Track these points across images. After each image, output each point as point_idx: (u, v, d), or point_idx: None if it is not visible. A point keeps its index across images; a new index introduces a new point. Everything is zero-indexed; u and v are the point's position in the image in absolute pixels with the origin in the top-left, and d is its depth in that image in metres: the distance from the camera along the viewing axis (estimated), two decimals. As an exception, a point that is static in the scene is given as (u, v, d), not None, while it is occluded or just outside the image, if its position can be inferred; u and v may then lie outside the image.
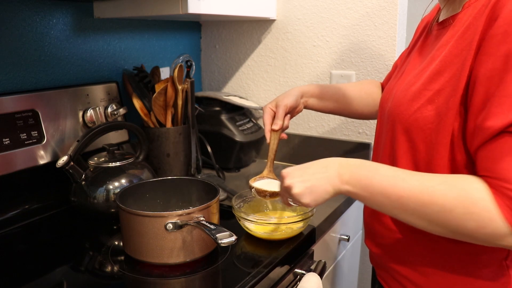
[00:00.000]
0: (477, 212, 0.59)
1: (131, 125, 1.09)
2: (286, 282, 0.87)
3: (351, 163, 0.71)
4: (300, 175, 0.73)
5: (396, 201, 0.65)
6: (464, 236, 0.62)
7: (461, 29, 0.67)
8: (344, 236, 1.20)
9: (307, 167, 0.74)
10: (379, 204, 0.67)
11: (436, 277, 0.75)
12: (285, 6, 1.41)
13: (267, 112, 0.97)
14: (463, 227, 0.61)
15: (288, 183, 0.74)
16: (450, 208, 0.61)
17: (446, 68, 0.67)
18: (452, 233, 0.63)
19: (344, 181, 0.70)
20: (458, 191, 0.61)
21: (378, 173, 0.68)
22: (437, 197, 0.62)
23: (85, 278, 0.80)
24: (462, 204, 0.60)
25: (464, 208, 0.60)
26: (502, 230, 0.58)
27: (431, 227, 0.64)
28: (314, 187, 0.71)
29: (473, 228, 0.60)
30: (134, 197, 0.91)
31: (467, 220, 0.60)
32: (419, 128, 0.70)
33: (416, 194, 0.63)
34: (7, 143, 0.96)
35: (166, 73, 1.43)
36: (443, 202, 0.61)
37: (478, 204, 0.59)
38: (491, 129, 0.59)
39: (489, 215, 0.58)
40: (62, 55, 1.13)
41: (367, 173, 0.69)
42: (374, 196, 0.67)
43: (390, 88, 0.84)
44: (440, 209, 0.61)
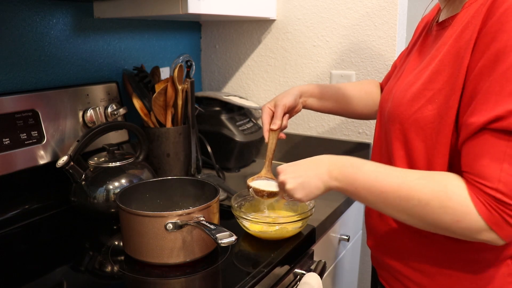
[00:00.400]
0: (452, 206, 0.61)
1: (131, 125, 1.09)
2: (286, 282, 0.87)
3: (339, 161, 0.75)
4: (293, 171, 0.77)
5: (379, 195, 0.68)
6: (442, 229, 0.65)
7: (459, 29, 0.67)
8: (344, 236, 1.20)
9: (300, 164, 0.78)
10: (364, 199, 0.71)
11: (439, 277, 0.75)
12: (285, 6, 1.41)
13: (265, 111, 0.97)
14: (440, 221, 0.63)
15: (282, 179, 0.78)
16: (426, 202, 0.63)
17: (445, 67, 0.67)
18: (430, 226, 0.65)
19: (333, 177, 0.73)
20: (434, 186, 0.63)
21: (362, 169, 0.71)
22: (414, 191, 0.64)
23: (85, 278, 0.80)
24: (438, 198, 0.62)
25: (439, 202, 0.62)
26: (478, 224, 0.60)
27: (411, 221, 0.67)
28: (305, 183, 0.75)
29: (449, 221, 0.62)
30: (134, 197, 0.91)
31: (442, 213, 0.62)
32: (419, 128, 0.70)
33: (396, 189, 0.66)
34: (7, 143, 0.96)
35: (166, 73, 1.43)
36: (419, 196, 0.64)
37: (454, 199, 0.61)
38: (474, 125, 0.60)
39: (464, 210, 0.60)
40: (62, 55, 1.13)
41: (353, 169, 0.72)
42: (359, 191, 0.70)
43: (389, 88, 0.84)
44: (417, 203, 0.64)
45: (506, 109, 0.57)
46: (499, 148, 0.58)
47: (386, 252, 0.83)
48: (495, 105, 0.58)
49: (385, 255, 0.84)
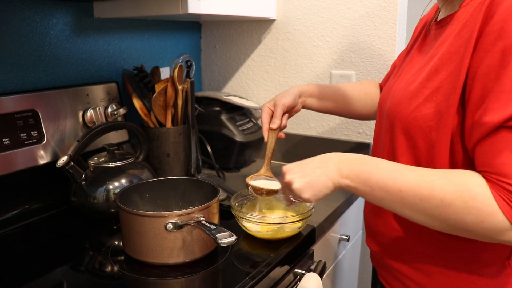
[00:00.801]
0: (476, 206, 0.59)
1: (131, 125, 1.09)
2: (286, 282, 0.87)
3: (350, 158, 0.72)
4: (300, 171, 0.74)
5: (396, 195, 0.65)
6: (463, 231, 0.62)
7: (458, 27, 0.67)
8: (344, 236, 1.20)
9: (307, 163, 0.75)
10: (378, 198, 0.68)
11: (439, 276, 0.75)
12: (285, 6, 1.41)
13: (265, 111, 0.97)
14: (463, 222, 0.61)
15: (288, 178, 0.75)
16: (449, 202, 0.61)
17: (444, 66, 0.67)
18: (451, 227, 0.63)
19: (344, 175, 0.70)
20: (457, 186, 0.61)
21: (377, 168, 0.68)
22: (436, 191, 0.62)
23: (85, 278, 0.80)
24: (461, 198, 0.60)
25: (463, 202, 0.60)
26: (501, 225, 0.58)
27: (430, 222, 0.64)
28: (314, 182, 0.72)
29: (472, 222, 0.60)
30: (134, 197, 0.91)
31: (466, 214, 0.60)
32: (418, 126, 0.70)
33: (415, 188, 0.63)
34: (7, 143, 0.96)
35: (166, 73, 1.43)
36: (442, 196, 0.61)
37: (478, 199, 0.59)
38: (489, 124, 0.59)
39: (488, 210, 0.58)
40: (62, 55, 1.13)
41: (366, 167, 0.69)
42: (374, 190, 0.67)
43: (389, 88, 0.85)
44: (439, 203, 0.61)
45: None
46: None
47: (386, 252, 0.83)
48: (509, 103, 0.57)
49: (385, 254, 0.84)
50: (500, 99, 0.58)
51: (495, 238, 0.60)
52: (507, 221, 0.58)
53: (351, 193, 1.16)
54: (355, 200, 1.22)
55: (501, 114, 0.58)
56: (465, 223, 0.60)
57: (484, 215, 0.59)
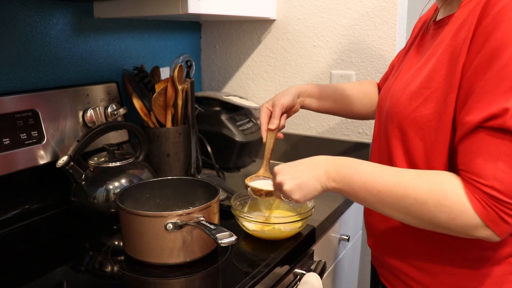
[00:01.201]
0: (448, 204, 0.62)
1: (131, 125, 1.09)
2: (286, 282, 0.87)
3: (336, 161, 0.75)
4: (290, 173, 0.77)
5: (376, 195, 0.68)
6: (438, 227, 0.65)
7: (455, 27, 0.68)
8: (344, 236, 1.20)
9: (297, 165, 0.78)
10: (361, 199, 0.71)
11: (442, 275, 0.75)
12: (285, 6, 1.41)
13: (263, 111, 0.97)
14: (436, 219, 0.64)
15: (279, 179, 0.78)
16: (422, 201, 0.64)
17: (443, 66, 0.68)
18: (427, 224, 0.66)
19: (331, 178, 0.74)
20: (430, 185, 0.64)
21: (359, 170, 0.71)
22: (410, 190, 0.65)
23: (85, 278, 0.80)
24: (434, 197, 0.63)
25: (435, 201, 0.63)
26: (473, 222, 0.61)
27: (408, 220, 0.68)
28: (303, 184, 0.75)
29: (445, 219, 0.63)
30: (134, 197, 0.91)
31: (438, 212, 0.63)
32: (417, 126, 0.71)
33: (392, 188, 0.67)
34: (7, 143, 0.96)
35: (166, 73, 1.43)
36: (415, 195, 0.64)
37: (449, 197, 0.62)
38: (469, 124, 0.61)
39: (460, 207, 0.61)
40: (62, 55, 1.13)
41: (349, 170, 0.72)
42: (356, 191, 0.71)
43: (387, 88, 0.85)
44: (414, 202, 0.65)
45: (501, 107, 0.58)
46: (494, 146, 0.59)
47: (387, 251, 0.83)
48: (490, 103, 0.59)
49: (386, 254, 0.84)
50: (482, 99, 0.60)
51: (468, 234, 0.63)
52: (478, 218, 0.60)
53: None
54: (353, 200, 1.22)
55: (481, 114, 0.59)
56: (439, 221, 0.64)
57: (456, 213, 0.62)
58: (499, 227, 0.60)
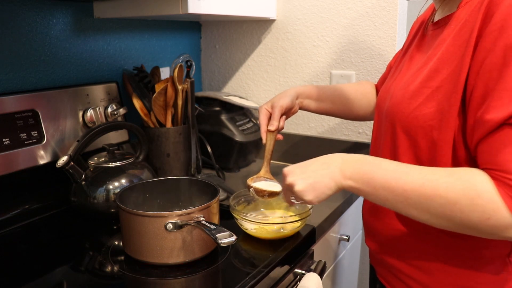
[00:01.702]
0: (481, 203, 0.59)
1: (131, 125, 1.09)
2: (286, 282, 0.87)
3: (353, 159, 0.71)
4: (302, 172, 0.73)
5: (400, 195, 0.65)
6: (469, 228, 0.62)
7: (457, 27, 0.68)
8: (344, 236, 1.20)
9: (309, 164, 0.74)
10: (382, 198, 0.67)
11: (440, 274, 0.75)
12: (285, 6, 1.41)
13: (263, 112, 0.97)
14: (468, 220, 0.61)
15: (290, 180, 0.74)
16: (454, 201, 0.61)
17: (444, 65, 0.68)
18: (457, 225, 0.63)
19: (347, 176, 0.70)
20: (462, 184, 0.61)
21: (380, 168, 0.68)
22: (441, 189, 0.62)
23: (85, 278, 0.80)
24: (467, 196, 0.60)
25: (468, 200, 0.60)
26: (506, 221, 0.58)
27: (435, 220, 0.64)
28: (316, 184, 0.71)
29: (478, 220, 0.60)
30: (134, 197, 0.91)
31: (471, 212, 0.60)
32: (418, 125, 0.70)
33: (420, 187, 0.63)
34: (7, 143, 0.96)
35: (166, 73, 1.43)
36: (447, 195, 0.61)
37: (483, 196, 0.59)
38: (491, 122, 0.59)
39: (493, 206, 0.58)
40: (62, 55, 1.13)
41: (369, 167, 0.69)
42: (377, 190, 0.67)
43: (387, 88, 0.85)
44: (444, 202, 0.61)
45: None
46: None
47: (385, 250, 0.83)
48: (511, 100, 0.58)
49: (384, 253, 0.84)
50: (502, 97, 0.59)
51: (500, 235, 0.60)
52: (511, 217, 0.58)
53: (351, 193, 1.16)
54: (355, 200, 1.22)
55: (503, 111, 0.58)
56: (471, 221, 0.61)
57: (489, 212, 0.59)
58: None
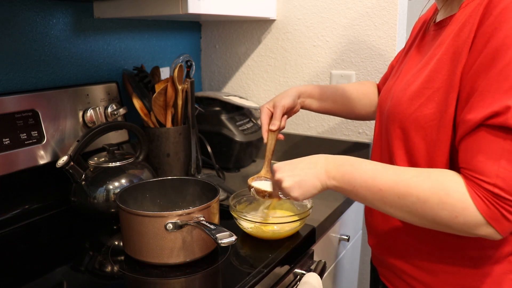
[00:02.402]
0: (450, 202, 0.62)
1: (131, 125, 1.09)
2: (286, 282, 0.87)
3: (336, 160, 0.75)
4: (290, 170, 0.77)
5: (376, 193, 0.68)
6: (440, 225, 0.65)
7: (457, 28, 0.68)
8: (344, 236, 1.20)
9: (297, 163, 0.78)
10: (362, 197, 0.71)
11: (443, 275, 0.75)
12: (285, 6, 1.41)
13: (264, 112, 0.97)
14: (438, 217, 0.63)
15: (278, 177, 0.78)
16: (424, 199, 0.64)
17: (444, 66, 0.68)
18: (429, 222, 0.66)
19: (331, 176, 0.74)
20: (432, 183, 0.64)
21: (359, 168, 0.71)
22: (412, 188, 0.65)
23: (85, 278, 0.80)
24: (436, 194, 0.63)
25: (438, 199, 0.63)
26: (476, 219, 0.61)
27: (410, 218, 0.67)
28: (302, 182, 0.75)
29: (448, 217, 0.62)
30: (134, 197, 0.91)
31: (441, 210, 0.63)
32: (419, 126, 0.71)
33: (394, 186, 0.66)
34: (7, 143, 0.96)
35: (166, 73, 1.43)
36: (417, 193, 0.64)
37: (452, 195, 0.62)
38: (471, 122, 0.61)
39: (462, 205, 0.61)
40: (62, 55, 1.13)
41: (350, 168, 0.72)
42: (357, 189, 0.71)
43: (388, 88, 0.85)
44: (416, 200, 0.64)
45: (503, 105, 0.58)
46: (496, 144, 0.59)
47: (388, 251, 0.83)
48: (492, 101, 0.59)
49: (387, 253, 0.84)
50: (484, 98, 0.60)
51: (471, 232, 0.62)
52: (481, 216, 0.60)
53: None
54: (354, 199, 1.22)
55: (483, 112, 0.59)
56: (441, 218, 0.63)
57: (458, 210, 0.61)
58: (501, 225, 0.60)
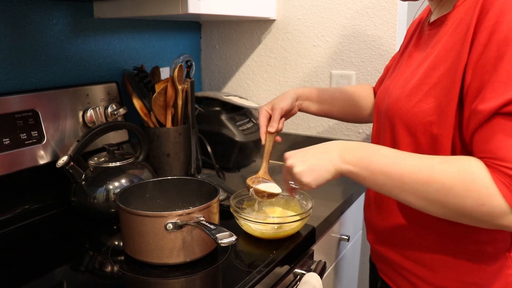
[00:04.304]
0: (476, 189, 0.60)
1: (131, 125, 1.09)
2: (286, 282, 0.87)
3: (352, 144, 0.73)
4: (302, 155, 0.76)
5: (397, 179, 0.66)
6: (463, 215, 0.63)
7: (453, 25, 0.69)
8: (344, 236, 1.20)
9: (309, 149, 0.77)
10: (379, 183, 0.68)
11: (442, 270, 0.75)
12: (285, 6, 1.41)
13: (263, 114, 0.98)
14: (462, 205, 0.61)
15: (290, 163, 0.76)
16: (449, 186, 0.61)
17: (441, 62, 0.69)
18: (451, 212, 0.63)
19: (346, 161, 0.71)
20: (457, 169, 0.62)
21: (378, 153, 0.69)
22: (436, 175, 0.63)
23: (85, 278, 0.80)
24: (462, 181, 0.61)
25: (463, 185, 0.61)
26: (501, 208, 0.59)
27: (430, 206, 0.65)
28: (315, 166, 0.73)
29: (472, 205, 0.60)
30: (134, 197, 0.91)
31: (466, 197, 0.61)
32: (418, 121, 0.71)
33: (416, 172, 0.64)
34: (7, 143, 0.96)
35: (166, 73, 1.43)
36: (442, 180, 0.62)
37: (477, 182, 0.60)
38: (484, 111, 0.61)
39: (488, 192, 0.59)
40: (62, 55, 1.13)
41: (368, 153, 0.70)
42: (375, 175, 0.68)
43: (385, 88, 0.86)
44: (439, 187, 0.62)
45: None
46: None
47: (387, 246, 0.84)
48: (504, 91, 0.59)
49: (386, 249, 0.84)
50: (495, 88, 0.60)
51: (494, 222, 0.61)
52: (506, 204, 0.58)
53: (351, 193, 1.17)
54: (355, 200, 1.22)
55: (496, 101, 0.59)
56: (465, 207, 0.61)
57: (484, 198, 0.59)
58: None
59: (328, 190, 1.15)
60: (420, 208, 0.66)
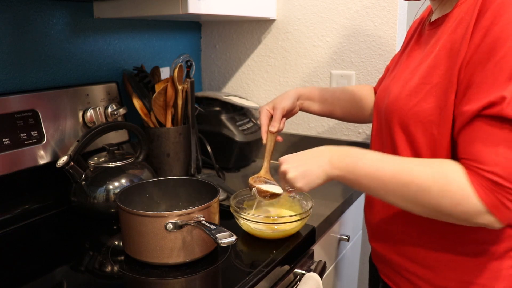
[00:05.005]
0: (451, 190, 0.63)
1: (131, 125, 1.09)
2: (286, 282, 0.87)
3: (340, 150, 0.76)
4: (295, 161, 0.79)
5: (380, 183, 0.69)
6: (442, 214, 0.66)
7: (453, 25, 0.69)
8: (344, 236, 1.20)
9: (302, 154, 0.80)
10: (365, 186, 0.72)
11: (443, 270, 0.76)
12: (285, 6, 1.41)
13: (264, 113, 0.98)
14: (439, 205, 0.64)
15: (283, 168, 0.80)
16: (425, 187, 0.65)
17: (441, 62, 0.69)
18: (431, 211, 0.67)
19: (334, 166, 0.75)
20: (433, 171, 0.65)
21: (363, 158, 0.72)
22: (414, 177, 0.66)
23: (85, 278, 0.80)
24: (438, 183, 0.64)
25: (439, 187, 0.64)
26: (476, 208, 0.61)
27: (411, 207, 0.68)
28: (307, 172, 0.77)
29: (449, 206, 0.63)
30: (134, 197, 0.91)
31: (442, 198, 0.64)
32: (419, 121, 0.71)
33: (396, 175, 0.67)
34: (7, 143, 0.96)
35: (166, 73, 1.43)
36: (419, 182, 0.65)
37: (453, 183, 0.63)
38: (467, 113, 0.62)
39: (462, 193, 0.62)
40: (62, 55, 1.13)
41: (353, 158, 0.73)
42: (360, 179, 0.72)
43: (385, 87, 0.86)
44: (418, 189, 0.65)
45: (498, 95, 0.59)
46: (493, 133, 0.60)
47: (388, 248, 0.84)
48: (488, 93, 0.60)
49: (387, 250, 0.84)
50: (480, 89, 0.61)
51: (471, 221, 0.63)
52: (481, 204, 0.61)
53: (351, 193, 1.17)
54: (355, 200, 1.22)
55: (479, 103, 0.61)
56: (442, 207, 0.64)
57: (459, 199, 0.62)
58: (502, 213, 0.61)
59: (328, 190, 1.15)
60: (405, 208, 0.70)
